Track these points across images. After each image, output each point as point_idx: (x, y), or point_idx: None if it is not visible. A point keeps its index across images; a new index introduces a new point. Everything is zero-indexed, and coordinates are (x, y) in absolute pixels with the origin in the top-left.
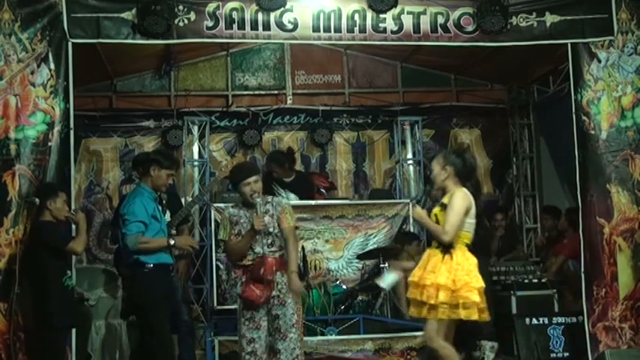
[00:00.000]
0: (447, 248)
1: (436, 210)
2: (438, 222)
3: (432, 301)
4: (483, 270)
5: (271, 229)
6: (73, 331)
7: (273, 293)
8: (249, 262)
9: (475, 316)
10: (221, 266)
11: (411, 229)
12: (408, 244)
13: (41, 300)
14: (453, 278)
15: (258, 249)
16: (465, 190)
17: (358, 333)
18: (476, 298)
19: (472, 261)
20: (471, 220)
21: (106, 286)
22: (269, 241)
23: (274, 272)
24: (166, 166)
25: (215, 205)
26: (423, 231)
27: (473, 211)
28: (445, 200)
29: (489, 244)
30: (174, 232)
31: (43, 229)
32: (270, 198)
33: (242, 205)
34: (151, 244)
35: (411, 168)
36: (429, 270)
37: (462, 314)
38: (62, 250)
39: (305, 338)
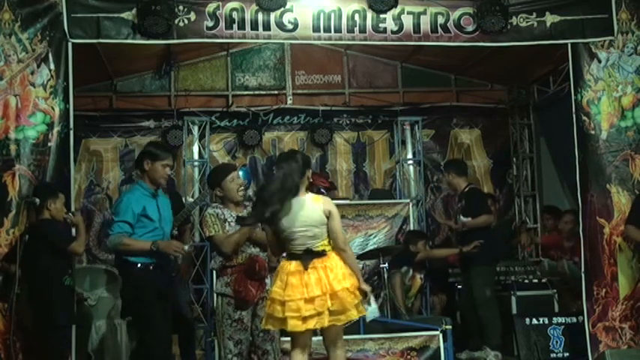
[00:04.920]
0: None
1: None
2: None
3: None
4: (489, 278)
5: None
6: (73, 331)
7: (262, 294)
8: (240, 262)
9: (269, 325)
10: None
11: (411, 230)
12: (414, 243)
13: (42, 299)
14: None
15: (247, 249)
16: None
17: (358, 333)
18: (266, 308)
19: (286, 268)
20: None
21: (106, 286)
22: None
23: (267, 270)
24: (160, 157)
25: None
26: (423, 230)
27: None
28: None
29: (494, 252)
30: (175, 232)
31: (46, 228)
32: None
33: (224, 206)
34: (132, 246)
35: (411, 168)
36: None
37: (262, 323)
38: (64, 250)
39: None
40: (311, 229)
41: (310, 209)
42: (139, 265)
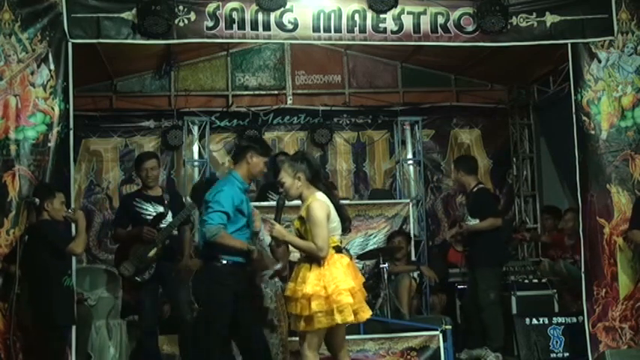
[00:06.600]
0: (312, 257)
1: (296, 223)
2: (300, 236)
3: (307, 313)
4: (493, 281)
5: None
6: (73, 331)
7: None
8: None
9: (350, 318)
10: None
11: (411, 230)
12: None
13: (41, 299)
14: (324, 284)
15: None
16: (317, 196)
17: (358, 333)
18: (348, 299)
19: (342, 262)
20: (334, 224)
21: (106, 286)
22: None
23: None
24: (263, 153)
25: None
26: (423, 230)
27: (333, 212)
28: (303, 212)
29: (498, 254)
30: (175, 232)
31: (45, 228)
32: None
33: None
34: (229, 241)
35: (411, 168)
36: (300, 281)
37: (338, 319)
38: (63, 250)
39: None
40: None
41: None
42: (225, 261)
